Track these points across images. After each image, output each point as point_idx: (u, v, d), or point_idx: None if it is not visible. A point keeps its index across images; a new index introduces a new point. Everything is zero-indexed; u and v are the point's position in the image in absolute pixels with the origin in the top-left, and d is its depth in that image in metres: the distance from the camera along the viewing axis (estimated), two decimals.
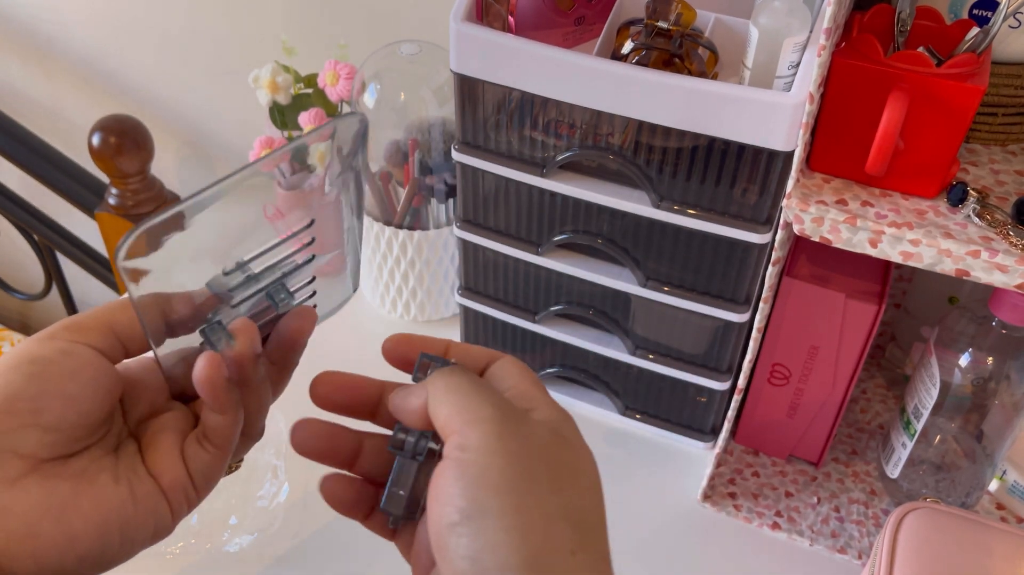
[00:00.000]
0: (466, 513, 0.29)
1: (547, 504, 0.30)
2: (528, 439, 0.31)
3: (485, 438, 0.30)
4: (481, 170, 0.64)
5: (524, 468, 0.30)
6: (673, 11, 0.56)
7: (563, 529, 0.30)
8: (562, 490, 0.31)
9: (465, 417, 0.31)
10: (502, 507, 0.29)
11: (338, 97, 0.83)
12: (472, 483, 0.29)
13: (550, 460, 0.31)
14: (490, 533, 0.29)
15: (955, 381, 0.61)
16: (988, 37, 0.48)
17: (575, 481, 0.32)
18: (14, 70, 1.26)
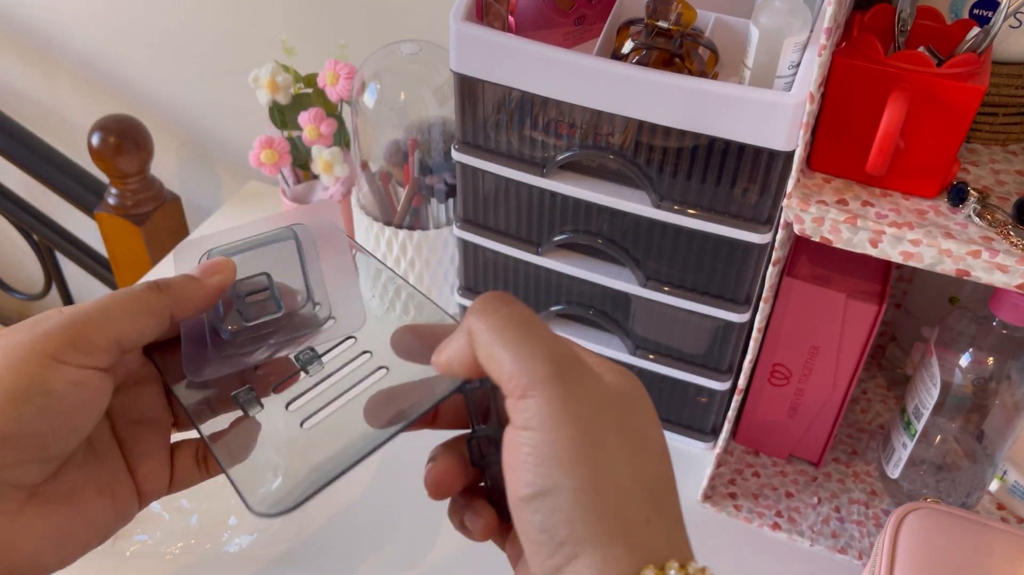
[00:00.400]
0: (538, 488, 0.28)
1: (619, 474, 0.29)
2: (596, 403, 0.30)
3: (550, 405, 0.29)
4: (481, 170, 0.64)
5: (594, 438, 0.29)
6: (673, 11, 0.56)
7: (637, 499, 0.29)
8: (634, 458, 0.30)
9: (522, 379, 0.29)
10: (575, 483, 0.28)
11: (338, 97, 0.83)
12: (543, 456, 0.28)
13: (620, 427, 0.30)
14: (565, 509, 0.28)
15: (956, 381, 0.61)
16: (989, 37, 0.48)
17: (645, 447, 0.31)
18: (14, 70, 1.26)
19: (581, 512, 0.28)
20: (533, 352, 0.30)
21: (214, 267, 0.37)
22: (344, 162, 0.86)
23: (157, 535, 0.64)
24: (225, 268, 0.37)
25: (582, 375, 0.30)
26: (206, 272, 0.36)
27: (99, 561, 0.62)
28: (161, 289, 0.35)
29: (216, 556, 0.63)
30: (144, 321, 0.34)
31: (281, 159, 0.87)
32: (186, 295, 0.35)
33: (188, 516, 0.65)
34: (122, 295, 0.34)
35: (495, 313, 0.31)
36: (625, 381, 0.32)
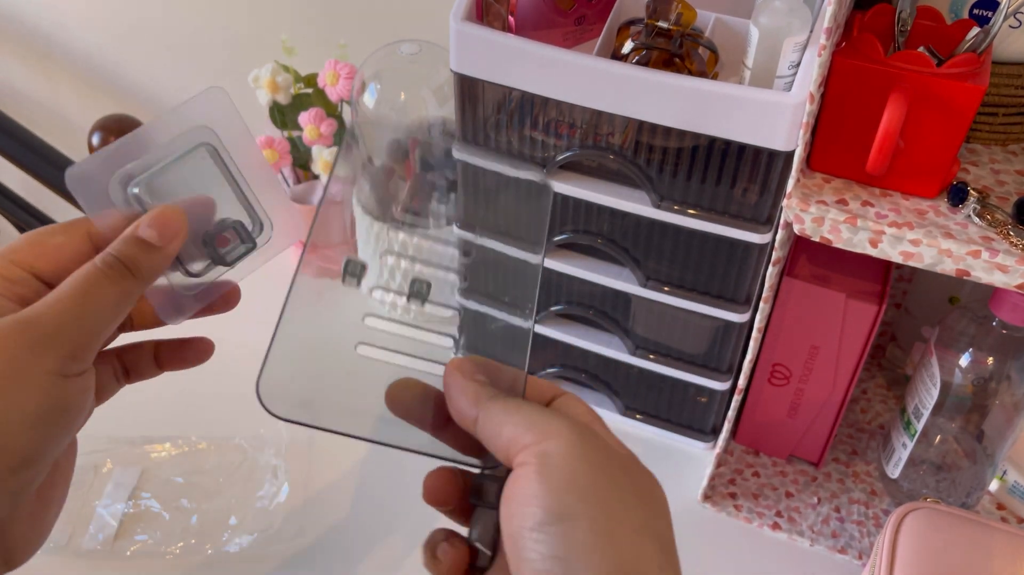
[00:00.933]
0: (555, 513, 0.29)
1: (633, 517, 0.30)
2: (608, 451, 0.31)
3: (566, 445, 0.30)
4: (481, 169, 0.64)
5: (609, 479, 0.30)
6: (673, 11, 0.56)
7: (649, 544, 0.30)
8: (644, 506, 0.31)
9: (537, 431, 0.31)
10: (593, 512, 0.29)
11: (338, 97, 0.83)
12: (558, 486, 0.29)
13: (630, 476, 0.31)
14: (582, 535, 0.28)
15: (956, 381, 0.61)
16: (989, 37, 0.48)
17: (654, 501, 0.32)
18: (14, 70, 1.26)
19: (598, 540, 0.28)
20: (547, 416, 0.31)
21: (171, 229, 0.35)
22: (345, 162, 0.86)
23: (157, 535, 0.64)
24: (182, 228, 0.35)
25: (595, 433, 0.32)
26: (165, 236, 0.34)
27: (99, 561, 0.62)
28: (132, 272, 0.34)
29: (216, 556, 0.63)
30: (124, 311, 0.34)
31: (281, 159, 0.87)
32: (154, 269, 0.34)
33: (188, 516, 0.65)
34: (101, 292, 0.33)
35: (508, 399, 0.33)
36: (632, 453, 0.34)
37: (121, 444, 0.70)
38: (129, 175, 0.35)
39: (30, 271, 0.33)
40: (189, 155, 0.36)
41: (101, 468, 0.68)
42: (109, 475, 0.68)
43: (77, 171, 0.34)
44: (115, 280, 0.33)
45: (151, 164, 0.35)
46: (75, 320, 0.32)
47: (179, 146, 0.36)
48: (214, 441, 0.71)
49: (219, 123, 0.37)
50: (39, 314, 0.32)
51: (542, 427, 0.31)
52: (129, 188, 0.35)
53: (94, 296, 0.33)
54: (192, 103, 0.36)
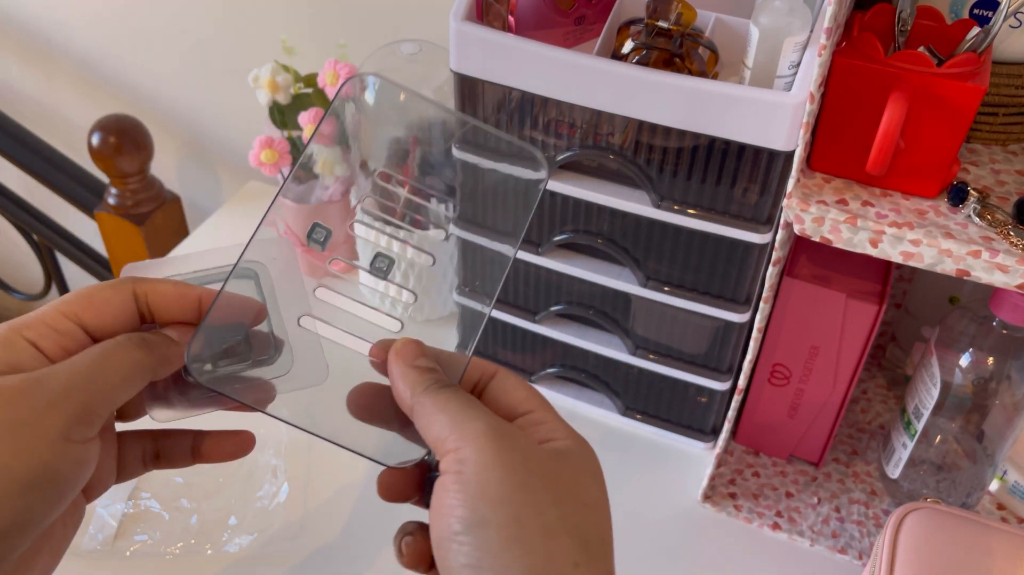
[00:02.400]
0: (467, 522, 0.30)
1: (546, 516, 0.30)
2: (524, 452, 0.32)
3: (480, 453, 0.31)
4: (481, 169, 0.64)
5: (521, 480, 0.31)
6: (673, 11, 0.56)
7: (565, 542, 0.30)
8: (561, 503, 0.31)
9: (458, 435, 0.31)
10: (501, 518, 0.30)
11: None
12: (472, 495, 0.30)
13: (547, 474, 0.32)
14: (491, 542, 0.29)
15: (956, 381, 0.61)
16: (989, 37, 0.48)
17: (575, 496, 0.32)
18: (14, 70, 1.26)
19: (507, 545, 0.29)
20: (470, 416, 0.32)
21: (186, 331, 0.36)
22: (344, 162, 0.86)
23: (157, 535, 0.64)
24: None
25: (514, 433, 0.32)
26: (184, 334, 0.36)
27: (99, 561, 0.62)
28: (150, 348, 0.34)
29: (216, 556, 0.63)
30: (137, 385, 0.34)
31: (281, 159, 0.87)
32: (167, 359, 0.35)
33: (188, 516, 0.65)
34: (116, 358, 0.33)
35: (440, 392, 0.33)
36: (567, 444, 0.34)
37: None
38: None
39: (78, 323, 0.34)
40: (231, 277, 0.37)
41: None
42: None
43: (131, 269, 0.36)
44: (131, 349, 0.34)
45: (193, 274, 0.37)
46: (85, 383, 0.32)
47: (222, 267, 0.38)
48: None
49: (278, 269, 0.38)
50: (51, 374, 0.32)
51: (462, 430, 0.31)
52: None
53: (107, 363, 0.33)
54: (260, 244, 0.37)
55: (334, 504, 0.67)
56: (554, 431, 0.34)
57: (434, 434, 0.32)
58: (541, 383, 0.77)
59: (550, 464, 0.32)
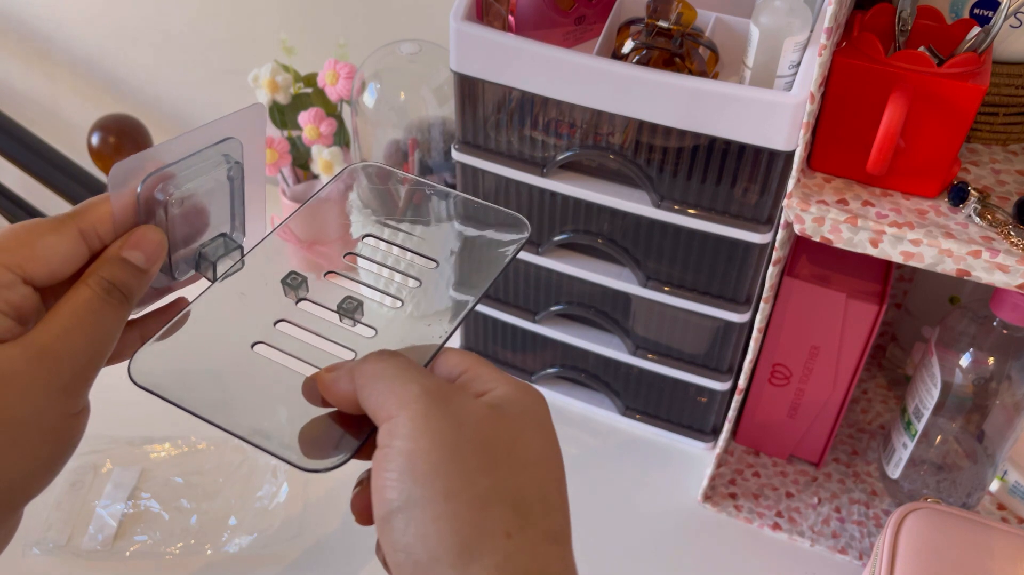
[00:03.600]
0: (395, 505, 0.28)
1: (477, 485, 0.28)
2: (457, 417, 0.30)
3: (412, 421, 0.29)
4: (481, 170, 0.64)
5: (451, 450, 0.29)
6: (674, 10, 0.56)
7: (497, 510, 0.28)
8: (495, 468, 0.29)
9: (392, 402, 0.30)
10: (429, 494, 0.28)
11: (338, 96, 0.83)
12: (400, 472, 0.28)
13: (481, 438, 0.30)
14: (419, 523, 0.28)
15: (956, 381, 0.61)
16: (989, 37, 0.48)
17: (512, 457, 0.30)
18: (14, 70, 1.26)
19: (436, 524, 0.28)
20: (403, 380, 0.30)
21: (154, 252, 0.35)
22: (344, 162, 0.86)
23: (157, 535, 0.64)
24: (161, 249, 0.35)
25: (448, 395, 0.30)
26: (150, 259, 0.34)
27: (98, 561, 0.62)
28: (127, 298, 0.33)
29: (216, 556, 0.63)
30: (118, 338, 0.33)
31: (281, 159, 0.87)
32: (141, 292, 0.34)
33: (188, 516, 0.65)
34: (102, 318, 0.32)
35: (379, 361, 0.31)
36: (510, 394, 0.32)
37: (121, 444, 0.70)
38: (160, 178, 0.35)
39: (20, 275, 0.31)
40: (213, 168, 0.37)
41: (101, 468, 0.68)
42: (109, 475, 0.68)
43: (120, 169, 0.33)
44: (114, 307, 0.32)
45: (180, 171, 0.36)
46: (85, 355, 0.31)
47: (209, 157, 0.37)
48: (214, 441, 0.70)
49: (248, 139, 0.38)
50: (48, 348, 0.30)
51: (396, 396, 0.30)
52: (155, 192, 0.35)
53: (99, 327, 0.32)
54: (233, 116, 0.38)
55: (334, 504, 0.67)
56: (491, 381, 0.32)
57: (373, 403, 0.30)
58: (541, 383, 0.77)
59: (486, 424, 0.30)
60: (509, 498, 0.29)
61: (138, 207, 0.35)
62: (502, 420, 0.31)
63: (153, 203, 0.35)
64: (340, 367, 0.32)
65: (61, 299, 0.32)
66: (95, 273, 0.33)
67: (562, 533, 0.30)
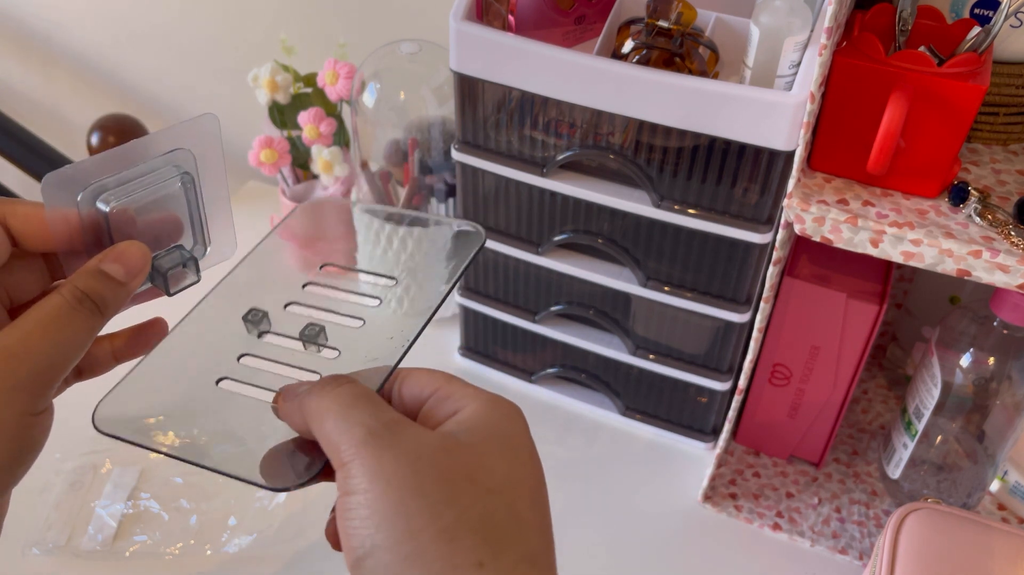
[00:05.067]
0: (363, 551, 0.27)
1: (442, 518, 0.28)
2: (410, 454, 0.29)
3: (361, 469, 0.28)
4: (481, 170, 0.64)
5: (410, 488, 0.28)
6: (674, 10, 0.56)
7: (466, 541, 0.27)
8: (458, 498, 0.28)
9: (342, 448, 0.29)
10: (394, 536, 0.27)
11: (338, 96, 0.83)
12: (361, 519, 0.28)
13: (439, 470, 0.29)
14: (388, 566, 0.27)
15: (956, 381, 0.61)
16: (989, 36, 0.47)
17: (475, 484, 0.29)
18: (14, 70, 1.26)
19: (404, 564, 0.27)
20: (350, 422, 0.29)
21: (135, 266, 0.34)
22: (344, 162, 0.86)
23: (157, 535, 0.63)
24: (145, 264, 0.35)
25: (397, 434, 0.29)
26: (130, 272, 0.34)
27: (98, 562, 0.62)
28: (100, 310, 0.33)
29: (215, 557, 0.63)
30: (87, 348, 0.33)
31: (281, 159, 0.87)
32: (118, 305, 0.34)
33: (188, 516, 0.65)
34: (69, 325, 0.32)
35: (325, 396, 0.30)
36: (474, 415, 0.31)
37: (121, 444, 0.70)
38: (102, 188, 0.35)
39: None
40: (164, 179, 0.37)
41: (100, 468, 0.68)
42: (108, 475, 0.67)
43: (54, 178, 0.33)
44: (85, 317, 0.32)
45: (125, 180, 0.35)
46: (46, 358, 0.31)
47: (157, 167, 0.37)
48: None
49: (202, 148, 0.38)
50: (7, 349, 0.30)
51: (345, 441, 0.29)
52: (97, 202, 0.35)
53: (64, 332, 0.32)
54: (183, 126, 0.37)
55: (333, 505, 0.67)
56: (460, 400, 0.31)
57: (324, 444, 0.30)
58: (541, 383, 0.77)
59: (441, 455, 0.29)
60: (477, 526, 0.28)
61: (80, 218, 0.34)
62: (459, 448, 0.30)
63: (96, 214, 0.35)
64: (291, 397, 0.32)
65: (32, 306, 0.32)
66: (70, 283, 0.33)
67: (542, 554, 0.29)
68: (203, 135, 0.38)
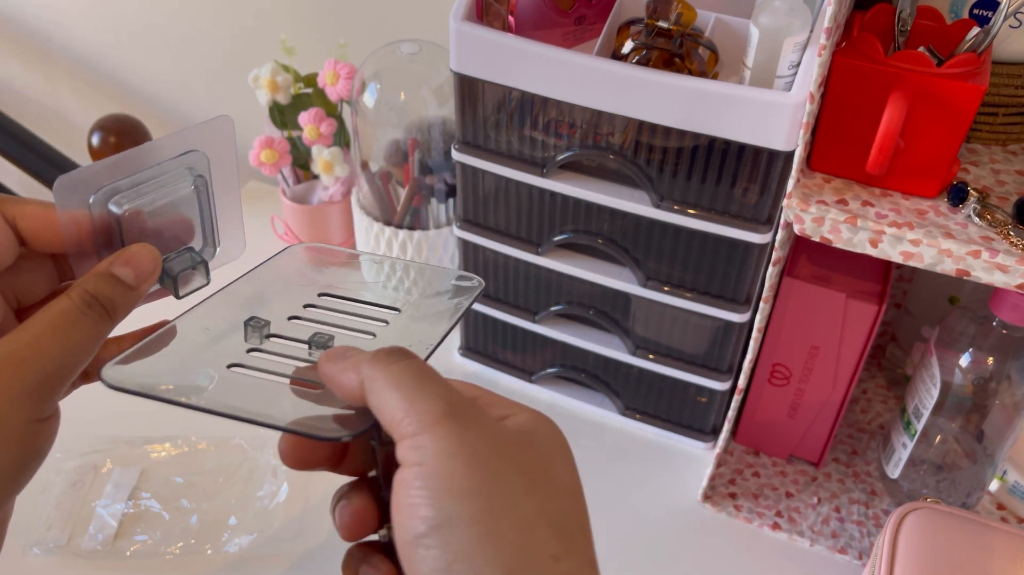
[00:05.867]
0: (433, 522, 0.27)
1: (521, 507, 0.27)
2: (492, 437, 0.28)
3: (443, 440, 0.27)
4: (481, 170, 0.64)
5: (492, 469, 0.27)
6: (673, 10, 0.56)
7: (543, 533, 0.27)
8: (536, 491, 0.28)
9: (414, 419, 0.28)
10: (471, 513, 0.26)
11: (338, 97, 0.83)
12: (436, 490, 0.27)
13: (519, 460, 0.28)
14: (462, 542, 0.26)
15: (956, 381, 0.61)
16: (989, 37, 0.48)
17: (549, 483, 0.29)
18: (14, 70, 1.26)
19: (480, 544, 0.26)
20: (427, 395, 0.28)
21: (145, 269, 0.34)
22: (344, 162, 0.86)
23: (157, 535, 0.64)
24: (155, 268, 0.35)
25: (477, 414, 0.29)
26: (140, 276, 0.34)
27: (99, 561, 0.62)
28: (109, 314, 0.33)
29: (216, 556, 0.63)
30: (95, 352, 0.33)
31: (281, 159, 0.87)
32: (127, 308, 0.34)
33: (188, 516, 0.65)
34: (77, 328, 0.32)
35: (393, 364, 0.30)
36: (531, 421, 0.31)
37: (121, 444, 0.70)
38: (114, 191, 0.35)
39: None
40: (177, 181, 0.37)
41: (101, 468, 0.68)
42: (109, 475, 0.68)
43: (67, 180, 0.33)
44: (95, 320, 0.32)
45: (138, 183, 0.35)
46: (53, 362, 0.30)
47: (170, 169, 0.36)
48: (214, 441, 0.71)
49: (215, 150, 0.38)
50: (15, 353, 0.30)
51: (420, 411, 0.28)
52: (110, 204, 0.35)
53: (72, 336, 0.31)
54: (197, 128, 0.37)
55: None
56: (508, 408, 0.31)
57: (388, 415, 0.28)
58: (541, 383, 0.77)
59: (519, 447, 0.29)
60: (553, 521, 0.28)
61: (92, 220, 0.34)
62: (533, 445, 0.30)
63: (107, 216, 0.34)
64: (345, 357, 0.31)
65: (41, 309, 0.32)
66: (79, 285, 0.33)
67: (595, 559, 0.29)
68: (217, 137, 0.37)
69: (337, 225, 0.91)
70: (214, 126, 0.37)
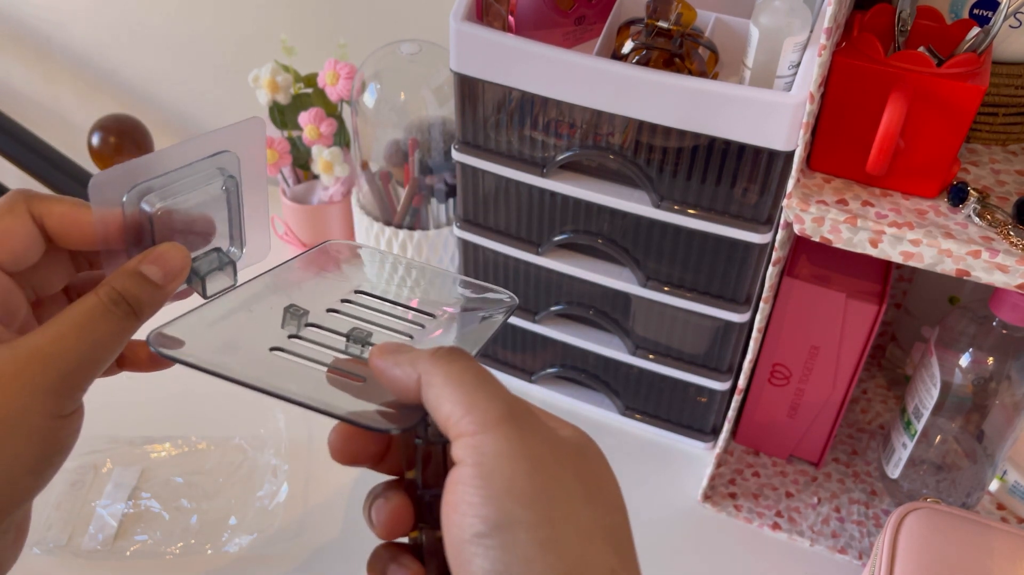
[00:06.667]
0: (493, 523, 0.26)
1: (581, 517, 0.27)
2: (551, 444, 0.28)
3: (504, 441, 0.27)
4: (481, 170, 0.64)
5: (552, 476, 0.27)
6: (673, 11, 0.56)
7: (601, 547, 0.27)
8: (594, 503, 0.28)
9: (475, 418, 0.28)
10: (534, 518, 0.26)
11: (338, 97, 0.83)
12: (497, 491, 0.26)
13: (577, 470, 0.28)
14: (522, 546, 0.26)
15: (956, 381, 0.61)
16: (989, 37, 0.48)
17: (604, 494, 0.29)
18: (14, 70, 1.26)
19: (540, 550, 0.26)
20: (488, 396, 0.28)
21: (174, 268, 0.34)
22: (344, 162, 0.86)
23: (157, 535, 0.64)
24: (184, 268, 0.35)
25: (535, 420, 0.29)
26: (168, 275, 0.34)
27: (99, 561, 0.62)
28: (135, 312, 0.33)
29: (216, 556, 0.63)
30: (120, 349, 0.33)
31: (281, 159, 0.87)
32: (154, 307, 0.34)
33: (188, 516, 0.65)
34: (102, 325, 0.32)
35: (453, 362, 0.29)
36: (579, 435, 0.31)
37: (121, 444, 0.70)
38: (147, 190, 0.35)
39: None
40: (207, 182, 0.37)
41: (101, 468, 0.68)
42: (109, 475, 0.68)
43: (103, 178, 0.33)
44: (120, 318, 0.32)
45: (170, 182, 0.35)
46: (77, 359, 0.31)
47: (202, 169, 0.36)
48: (214, 441, 0.71)
49: (246, 151, 0.38)
50: (39, 349, 0.30)
51: (481, 411, 0.28)
52: (142, 203, 0.35)
53: (98, 333, 0.31)
54: (229, 129, 0.37)
55: (334, 504, 0.67)
56: (555, 420, 0.31)
57: (445, 411, 0.28)
58: (541, 383, 0.77)
59: (575, 458, 0.29)
60: (609, 535, 0.28)
61: (124, 218, 0.34)
62: (587, 458, 0.30)
63: (139, 215, 0.35)
64: (400, 351, 0.30)
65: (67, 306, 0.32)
66: (107, 283, 0.33)
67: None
68: (248, 138, 0.38)
69: (337, 225, 0.91)
70: (246, 127, 0.37)
